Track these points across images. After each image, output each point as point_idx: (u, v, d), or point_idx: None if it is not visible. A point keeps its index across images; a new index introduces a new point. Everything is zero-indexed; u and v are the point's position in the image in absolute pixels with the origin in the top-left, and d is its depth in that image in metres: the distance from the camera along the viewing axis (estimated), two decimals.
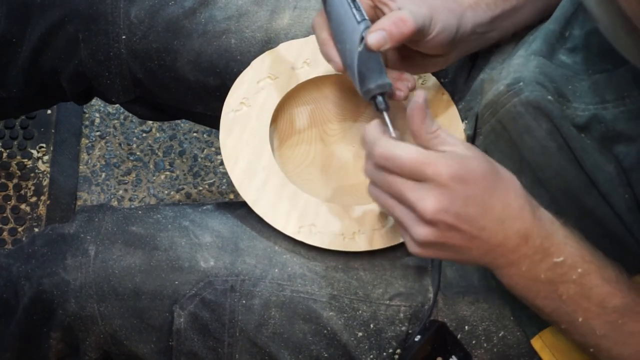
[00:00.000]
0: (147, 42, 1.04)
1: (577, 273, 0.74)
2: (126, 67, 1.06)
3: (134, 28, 1.04)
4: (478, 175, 0.74)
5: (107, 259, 0.93)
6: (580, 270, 0.74)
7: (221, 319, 0.91)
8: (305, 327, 0.91)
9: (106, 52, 1.05)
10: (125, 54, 1.05)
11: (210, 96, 1.04)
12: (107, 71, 1.07)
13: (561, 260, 0.75)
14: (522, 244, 0.75)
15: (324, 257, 0.93)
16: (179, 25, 1.03)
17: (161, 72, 1.05)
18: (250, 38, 1.02)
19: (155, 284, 0.92)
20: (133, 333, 0.93)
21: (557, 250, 0.74)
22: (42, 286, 0.94)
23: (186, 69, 1.04)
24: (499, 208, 0.74)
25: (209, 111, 1.07)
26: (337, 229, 0.92)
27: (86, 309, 0.93)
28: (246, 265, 0.92)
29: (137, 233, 0.94)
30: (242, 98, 0.97)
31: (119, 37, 1.04)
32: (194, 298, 0.91)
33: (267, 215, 0.93)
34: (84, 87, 1.12)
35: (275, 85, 0.98)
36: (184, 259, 0.92)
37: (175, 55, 1.03)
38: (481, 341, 0.91)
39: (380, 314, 0.91)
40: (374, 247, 0.92)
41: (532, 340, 0.90)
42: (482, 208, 0.74)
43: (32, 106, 1.25)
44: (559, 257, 0.74)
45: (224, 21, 1.03)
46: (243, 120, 0.97)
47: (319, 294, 0.91)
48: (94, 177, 1.55)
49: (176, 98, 1.08)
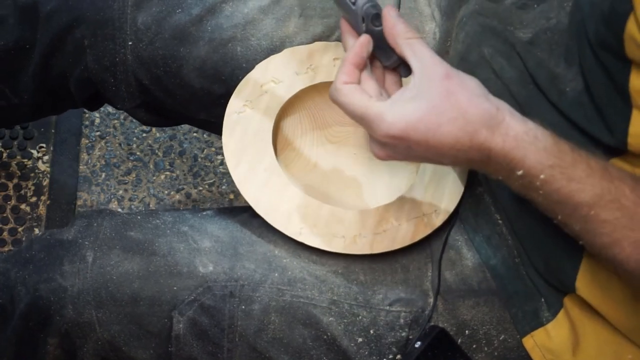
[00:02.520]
0: (153, 48, 1.04)
1: (541, 180, 0.75)
2: (132, 73, 1.06)
3: (141, 34, 1.04)
4: (416, 121, 0.75)
5: (105, 264, 0.92)
6: (542, 177, 0.74)
7: (220, 324, 0.91)
8: (305, 333, 0.91)
9: (112, 58, 1.05)
10: (131, 60, 1.05)
11: (214, 103, 1.04)
12: (112, 77, 1.07)
13: (522, 173, 0.75)
14: (485, 161, 0.76)
15: (324, 262, 0.92)
16: (186, 32, 1.03)
17: (167, 79, 1.05)
18: (256, 46, 1.02)
19: (154, 290, 0.91)
20: (131, 339, 0.93)
21: (518, 162, 0.75)
22: (38, 292, 0.93)
23: (192, 75, 1.04)
24: (448, 141, 0.75)
25: (213, 118, 1.07)
26: (339, 231, 0.92)
27: (84, 315, 0.92)
28: (245, 270, 0.91)
29: (136, 238, 0.93)
30: (246, 100, 0.97)
31: (126, 43, 1.04)
32: (192, 303, 0.91)
33: (269, 215, 0.93)
34: (91, 93, 1.12)
35: (278, 89, 0.98)
36: (183, 264, 0.92)
37: (181, 62, 1.03)
38: (482, 345, 0.91)
39: (381, 319, 0.91)
40: (375, 251, 0.92)
41: (524, 340, 0.90)
42: (427, 147, 0.76)
43: (42, 112, 1.24)
44: (520, 170, 0.75)
45: (230, 29, 1.02)
46: (246, 121, 0.97)
47: (319, 299, 0.91)
48: (94, 177, 1.55)
49: (181, 104, 1.08)
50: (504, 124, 0.75)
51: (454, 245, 0.95)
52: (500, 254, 0.92)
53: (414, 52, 0.78)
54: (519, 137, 0.75)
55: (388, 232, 0.92)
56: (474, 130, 0.74)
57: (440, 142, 0.75)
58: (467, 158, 0.76)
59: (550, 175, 0.74)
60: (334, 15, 1.03)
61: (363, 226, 0.92)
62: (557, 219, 0.77)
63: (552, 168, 0.74)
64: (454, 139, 0.75)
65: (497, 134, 0.74)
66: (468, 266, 0.93)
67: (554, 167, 0.74)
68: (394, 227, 0.92)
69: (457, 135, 0.75)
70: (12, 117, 1.23)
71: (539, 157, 0.74)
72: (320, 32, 1.02)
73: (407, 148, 0.76)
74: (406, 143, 0.76)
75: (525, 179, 0.75)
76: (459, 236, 0.95)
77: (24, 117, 1.25)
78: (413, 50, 0.79)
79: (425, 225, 0.93)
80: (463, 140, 0.75)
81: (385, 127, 0.76)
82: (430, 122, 0.75)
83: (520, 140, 0.75)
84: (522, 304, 0.90)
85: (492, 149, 0.75)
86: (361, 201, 0.98)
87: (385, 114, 0.76)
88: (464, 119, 0.74)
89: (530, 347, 0.89)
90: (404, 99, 0.76)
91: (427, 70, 0.77)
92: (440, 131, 0.75)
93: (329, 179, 1.01)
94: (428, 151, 0.76)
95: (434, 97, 0.75)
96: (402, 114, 0.75)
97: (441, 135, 0.75)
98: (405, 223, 0.93)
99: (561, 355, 0.88)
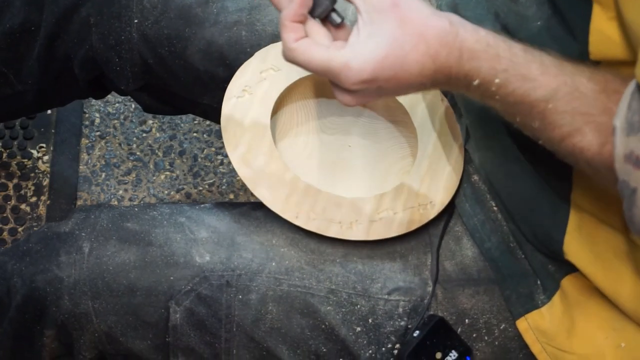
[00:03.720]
0: (158, 27, 1.04)
1: (495, 84, 0.74)
2: (137, 52, 1.06)
3: (147, 13, 1.04)
4: (380, 59, 0.73)
5: (101, 255, 0.92)
6: (497, 81, 0.74)
7: (217, 314, 0.91)
8: (303, 322, 0.90)
9: (117, 37, 1.05)
10: (136, 39, 1.05)
11: (218, 87, 1.04)
12: (117, 56, 1.07)
13: (477, 83, 0.74)
14: (447, 80, 0.75)
15: (323, 250, 0.92)
16: (192, 12, 1.03)
17: (171, 59, 1.05)
18: (261, 31, 1.02)
19: (150, 280, 0.91)
20: (128, 330, 0.93)
21: (473, 74, 0.74)
22: (34, 283, 0.93)
23: (196, 57, 1.04)
24: (415, 69, 0.74)
25: (215, 103, 1.06)
26: (335, 217, 0.92)
27: (80, 306, 0.92)
28: (242, 260, 0.91)
29: (132, 229, 0.93)
30: (245, 86, 0.98)
31: (131, 21, 1.04)
32: (189, 293, 0.91)
33: (266, 198, 0.92)
34: (94, 75, 1.12)
35: (277, 77, 0.98)
36: (179, 254, 0.91)
37: (186, 43, 1.03)
38: (482, 334, 0.91)
39: (379, 308, 0.90)
40: (371, 238, 0.92)
41: (518, 322, 0.90)
42: (397, 81, 0.74)
43: (47, 101, 1.24)
44: (476, 80, 0.74)
45: (236, 12, 1.03)
46: (245, 106, 0.97)
47: (316, 288, 0.90)
48: (94, 177, 1.55)
49: (184, 87, 1.08)
50: (458, 38, 0.74)
51: (453, 235, 0.94)
52: (495, 238, 0.92)
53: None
54: (472, 48, 0.74)
55: (384, 219, 0.92)
56: (436, 52, 0.73)
57: (408, 73, 0.74)
58: (432, 81, 0.75)
59: (504, 79, 0.73)
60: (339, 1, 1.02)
61: (359, 213, 0.92)
62: (517, 122, 0.76)
63: (505, 72, 0.73)
64: (420, 66, 0.74)
65: (454, 49, 0.74)
66: (468, 256, 0.93)
67: (507, 70, 0.73)
68: (390, 215, 0.92)
69: (422, 61, 0.73)
70: (16, 107, 1.22)
71: (492, 64, 0.74)
72: None
73: (377, 89, 0.75)
74: (376, 84, 0.74)
75: (481, 88, 0.75)
76: (458, 227, 0.95)
77: (29, 107, 1.23)
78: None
79: (421, 215, 0.93)
80: (427, 64, 0.74)
81: (353, 74, 0.74)
82: (395, 56, 0.73)
83: (473, 51, 0.74)
84: (516, 286, 0.90)
85: (451, 67, 0.74)
86: (357, 191, 0.99)
87: (350, 61, 0.74)
88: (425, 43, 0.73)
89: (523, 329, 0.89)
90: (361, 40, 0.74)
91: (372, 2, 0.74)
92: (407, 62, 0.73)
93: (325, 168, 1.01)
94: (398, 85, 0.75)
95: (390, 30, 0.73)
96: (366, 56, 0.73)
97: (408, 66, 0.73)
98: (401, 212, 0.93)
99: (555, 338, 0.87)
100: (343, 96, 0.77)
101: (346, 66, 0.74)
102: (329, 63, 0.74)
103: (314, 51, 0.75)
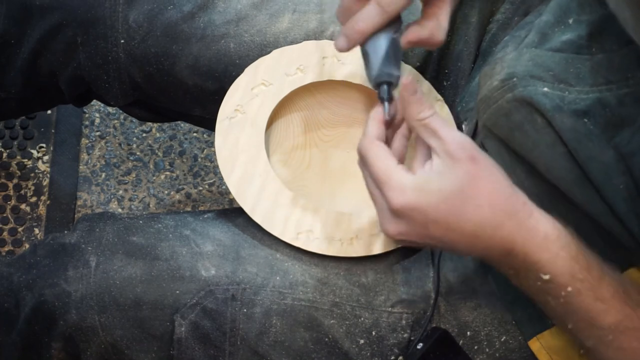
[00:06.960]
0: (145, 46, 1.03)
1: (566, 291, 0.73)
2: (125, 71, 1.05)
3: (133, 32, 1.03)
4: (439, 200, 0.73)
5: (108, 269, 0.93)
6: (569, 289, 0.72)
7: (222, 327, 0.91)
8: (307, 335, 0.91)
9: (104, 56, 1.05)
10: (123, 58, 1.04)
11: (208, 100, 1.04)
12: (105, 75, 1.06)
13: (548, 278, 0.73)
14: (504, 255, 0.74)
15: (326, 264, 0.93)
16: (178, 29, 1.02)
17: (159, 77, 1.05)
18: (249, 42, 1.02)
19: (156, 294, 0.92)
20: (134, 343, 0.93)
21: (545, 266, 0.72)
22: (43, 297, 0.94)
23: (184, 73, 1.03)
24: (469, 227, 0.73)
25: (207, 114, 1.06)
26: (335, 235, 0.92)
27: (87, 320, 0.92)
28: (247, 274, 0.92)
29: (138, 243, 0.94)
30: (237, 105, 0.97)
31: (118, 41, 1.04)
32: (195, 307, 0.91)
33: (265, 222, 0.93)
34: (82, 90, 1.11)
35: (269, 92, 0.98)
36: (185, 268, 0.92)
37: (173, 60, 1.03)
38: (483, 346, 0.91)
39: (383, 321, 0.91)
40: (372, 253, 0.92)
41: (530, 342, 0.89)
42: (446, 229, 0.73)
43: (31, 107, 1.25)
44: (546, 274, 0.73)
45: (223, 25, 1.02)
46: (238, 127, 0.96)
47: (320, 302, 0.91)
48: (94, 177, 1.55)
49: (175, 102, 1.08)
50: (531, 221, 0.72)
51: None
52: None
53: (432, 133, 0.75)
54: (549, 239, 0.72)
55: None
56: (499, 222, 0.72)
57: (460, 227, 0.73)
58: (485, 248, 0.74)
59: (577, 289, 0.72)
60: (327, 10, 1.02)
61: (359, 228, 0.93)
62: (567, 328, 0.75)
63: (581, 282, 0.72)
64: (476, 227, 0.72)
65: (523, 229, 0.72)
66: (470, 268, 0.93)
67: (583, 281, 0.72)
68: None
69: (480, 223, 0.72)
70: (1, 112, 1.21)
71: (569, 267, 0.72)
72: (314, 28, 1.02)
73: (423, 225, 0.73)
74: (424, 218, 0.73)
75: (548, 285, 0.73)
76: None
77: (12, 111, 1.23)
78: (430, 131, 0.76)
79: None
80: (486, 229, 0.72)
81: (405, 197, 0.73)
82: (454, 205, 0.72)
83: (550, 242, 0.72)
84: (526, 308, 0.89)
85: (515, 244, 0.72)
86: (356, 201, 0.98)
87: (409, 185, 0.73)
88: (490, 209, 0.72)
89: (536, 349, 0.89)
90: (429, 174, 0.74)
91: (450, 148, 0.74)
92: (464, 216, 0.72)
93: (323, 179, 1.01)
94: (446, 233, 0.73)
95: (459, 180, 0.72)
96: (426, 190, 0.73)
97: (464, 220, 0.72)
98: None
99: (570, 356, 0.87)
100: (385, 219, 0.76)
101: (401, 186, 0.74)
102: (390, 175, 0.75)
103: (385, 158, 0.76)
